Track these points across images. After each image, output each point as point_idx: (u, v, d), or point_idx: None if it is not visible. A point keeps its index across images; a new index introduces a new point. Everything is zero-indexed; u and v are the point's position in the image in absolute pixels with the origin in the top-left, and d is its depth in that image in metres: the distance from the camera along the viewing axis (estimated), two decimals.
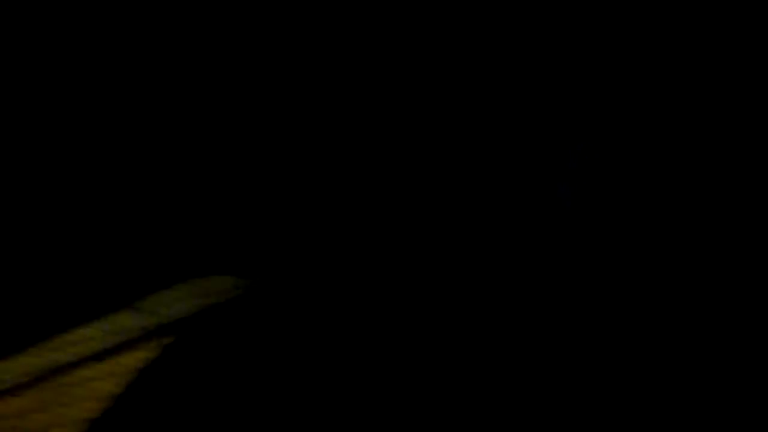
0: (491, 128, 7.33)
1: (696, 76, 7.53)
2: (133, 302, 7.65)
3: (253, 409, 7.75)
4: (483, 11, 7.53)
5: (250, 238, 7.82)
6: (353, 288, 7.82)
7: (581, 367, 7.03)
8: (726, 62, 7.38)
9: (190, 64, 7.90)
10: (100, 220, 7.85)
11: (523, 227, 7.40)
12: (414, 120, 7.47)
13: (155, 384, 7.72)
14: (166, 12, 7.40)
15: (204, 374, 7.86)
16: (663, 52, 7.34)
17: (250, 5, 7.43)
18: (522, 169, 7.33)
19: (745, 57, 7.31)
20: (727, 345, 7.06)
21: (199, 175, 7.93)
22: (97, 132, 7.84)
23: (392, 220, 7.74)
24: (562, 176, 7.10)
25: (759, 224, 7.34)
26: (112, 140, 7.82)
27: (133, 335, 7.56)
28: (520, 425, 6.87)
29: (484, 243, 7.52)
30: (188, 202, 7.88)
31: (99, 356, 7.56)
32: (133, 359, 7.58)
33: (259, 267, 7.79)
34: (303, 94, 8.08)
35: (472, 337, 7.41)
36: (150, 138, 7.84)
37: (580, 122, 7.15)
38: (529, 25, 7.41)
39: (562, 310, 7.13)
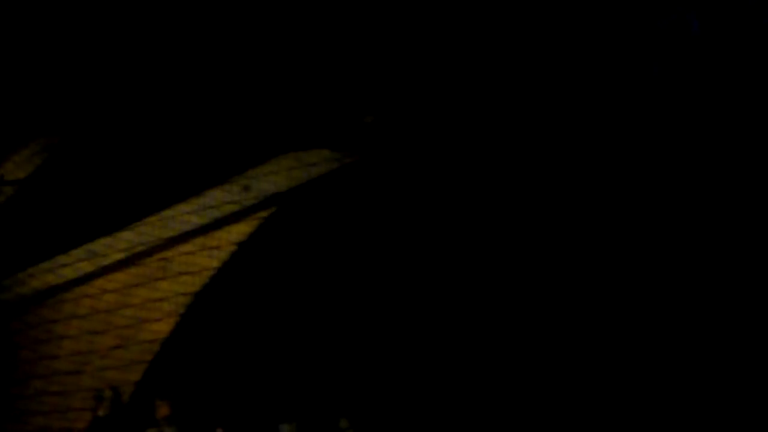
0: None
1: None
2: (231, 177, 7.71)
3: (349, 284, 7.82)
4: None
5: (347, 110, 7.65)
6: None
7: None
8: None
9: None
10: (195, 95, 7.83)
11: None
12: None
13: (252, 259, 7.87)
14: None
15: (300, 250, 7.94)
16: None
17: None
18: None
19: None
20: None
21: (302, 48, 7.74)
22: None
23: None
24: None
25: None
26: None
27: (231, 210, 7.66)
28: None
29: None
30: (284, 76, 7.74)
31: (197, 232, 7.74)
32: (231, 234, 7.72)
33: (357, 140, 7.65)
34: None
35: None
36: None
37: None
38: None
39: None
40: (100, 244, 8.04)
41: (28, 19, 8.40)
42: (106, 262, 7.91)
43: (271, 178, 7.94)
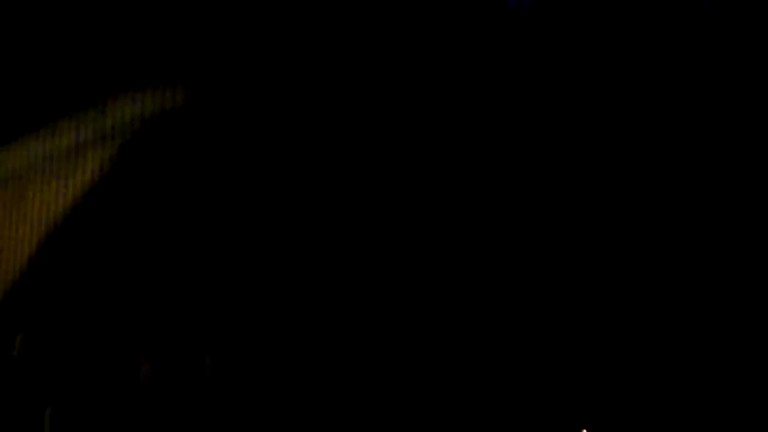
0: None
1: None
2: (87, 106, 7.68)
3: (210, 215, 7.79)
4: None
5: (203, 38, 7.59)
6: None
7: None
8: None
9: None
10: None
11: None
12: None
13: (108, 187, 7.86)
14: None
15: (158, 179, 7.91)
16: None
17: None
18: None
19: None
20: None
21: None
22: None
23: None
24: None
25: None
26: None
27: (86, 138, 7.65)
28: None
29: None
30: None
31: (52, 159, 7.73)
32: (87, 162, 7.72)
33: (216, 68, 7.61)
34: None
35: None
36: None
37: None
38: None
39: None
40: None
41: None
42: None
43: (128, 107, 7.91)
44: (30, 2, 7.97)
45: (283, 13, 7.77)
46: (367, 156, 7.47)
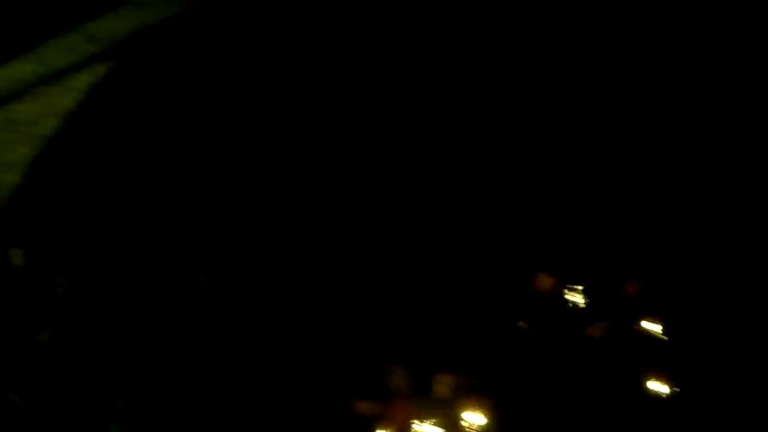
0: None
1: None
2: (79, 24, 7.63)
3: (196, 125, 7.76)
4: None
5: None
6: None
7: None
8: None
9: None
10: None
11: None
12: None
13: (96, 108, 7.85)
14: None
15: (145, 98, 7.90)
16: None
17: None
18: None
19: None
20: None
21: None
22: None
23: None
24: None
25: None
26: None
27: (74, 60, 7.62)
28: None
29: None
30: None
31: (40, 83, 7.71)
32: (85, 80, 7.69)
33: None
34: None
35: None
36: None
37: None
38: None
39: None
40: None
41: None
42: None
43: (114, 26, 7.86)
44: None
45: None
46: None
